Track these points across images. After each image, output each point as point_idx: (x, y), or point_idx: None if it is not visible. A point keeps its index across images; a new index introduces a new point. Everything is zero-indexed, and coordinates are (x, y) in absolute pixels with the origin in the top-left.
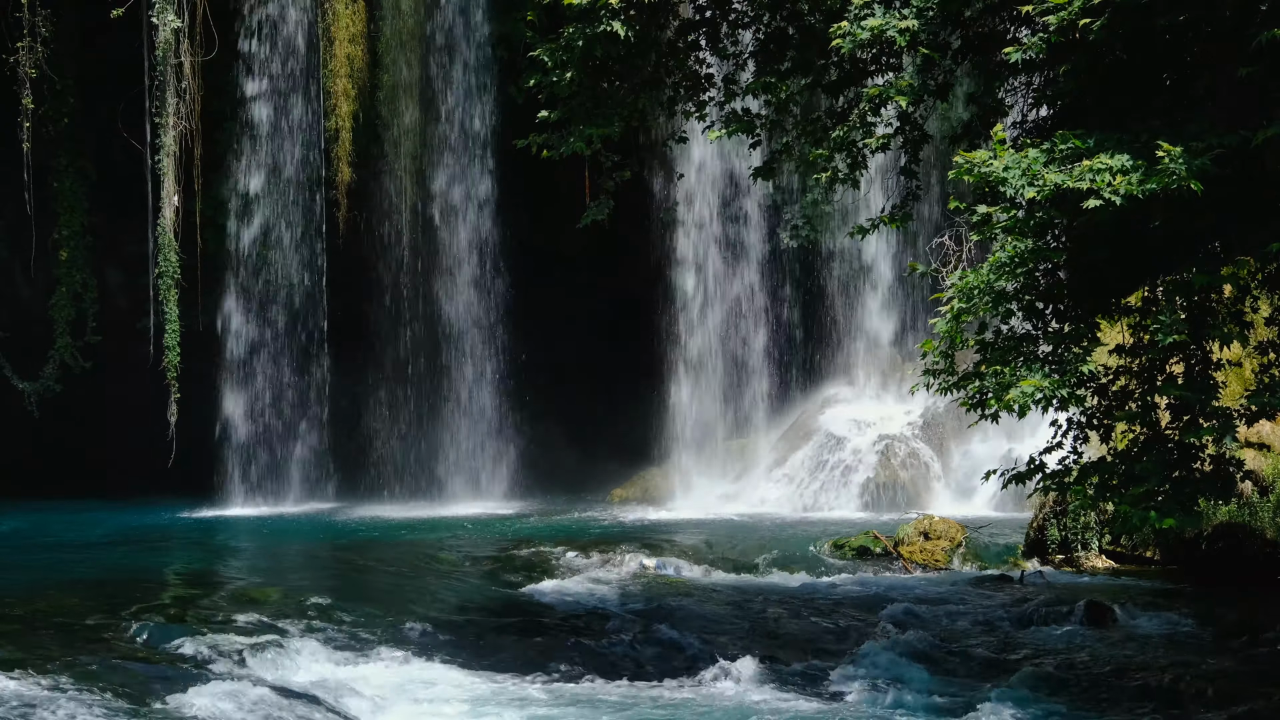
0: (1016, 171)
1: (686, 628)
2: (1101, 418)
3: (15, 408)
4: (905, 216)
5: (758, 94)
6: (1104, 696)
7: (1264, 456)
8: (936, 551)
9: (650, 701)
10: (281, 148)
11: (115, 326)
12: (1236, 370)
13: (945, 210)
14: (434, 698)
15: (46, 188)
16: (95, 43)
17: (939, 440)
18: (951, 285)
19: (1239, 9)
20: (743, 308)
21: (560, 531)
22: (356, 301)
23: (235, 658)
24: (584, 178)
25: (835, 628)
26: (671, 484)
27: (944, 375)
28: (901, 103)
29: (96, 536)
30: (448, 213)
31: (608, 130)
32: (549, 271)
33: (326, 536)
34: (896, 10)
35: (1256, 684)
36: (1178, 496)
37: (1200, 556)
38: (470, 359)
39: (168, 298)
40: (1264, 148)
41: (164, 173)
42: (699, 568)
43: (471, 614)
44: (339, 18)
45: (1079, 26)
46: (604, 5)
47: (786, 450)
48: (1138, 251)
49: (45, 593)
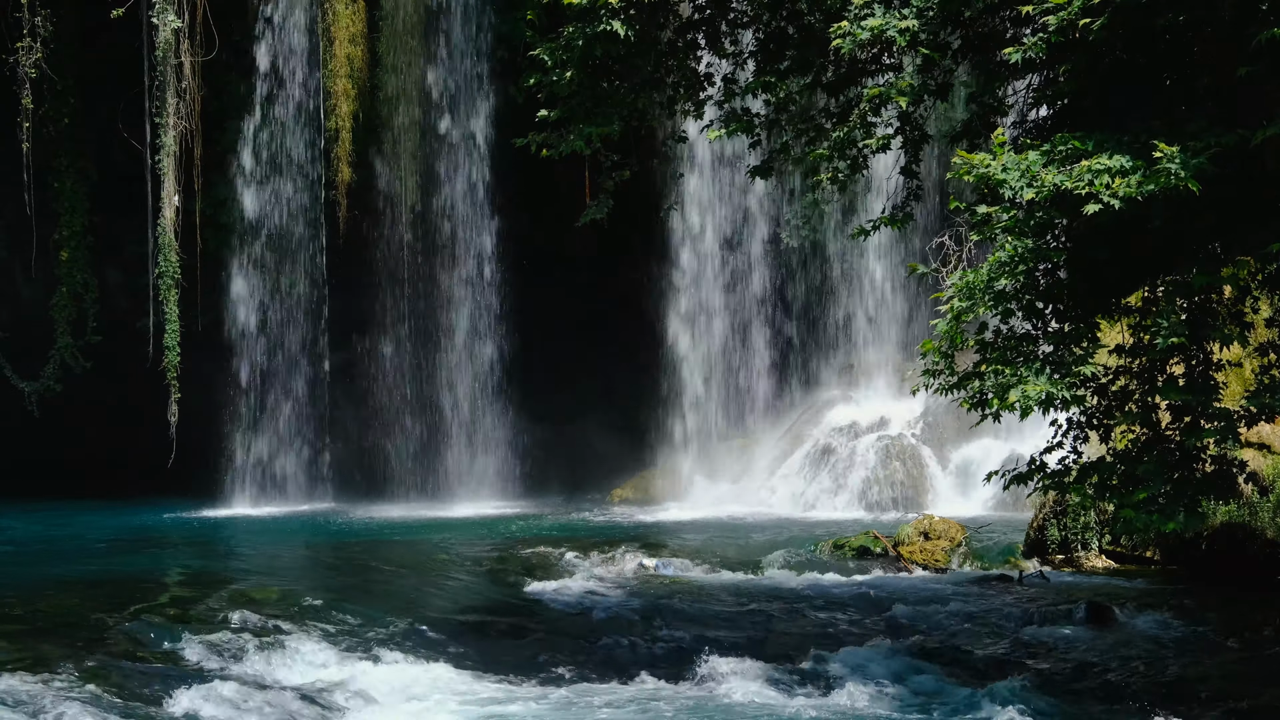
0: (1015, 173)
1: (686, 628)
2: (1101, 418)
3: (15, 408)
4: (906, 217)
5: (757, 94)
6: (1104, 696)
7: (1264, 457)
8: (936, 551)
9: (650, 701)
10: (282, 147)
11: (115, 326)
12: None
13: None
14: (434, 698)
15: (47, 188)
16: (95, 43)
17: (939, 440)
18: (951, 285)
19: (1239, 9)
20: (743, 308)
21: (560, 531)
22: (356, 301)
23: (235, 658)
24: (584, 177)
25: (835, 628)
26: (671, 484)
27: (944, 375)
28: (901, 103)
29: (96, 536)
30: (448, 212)
31: (607, 129)
32: (549, 271)
33: (326, 536)
34: (896, 10)
35: (1256, 684)
36: (1179, 498)
37: (1200, 556)
38: (470, 359)
39: (168, 298)
40: (1263, 147)
41: (164, 173)
42: (699, 568)
43: (471, 614)
44: (339, 18)
45: (1079, 26)
46: (604, 5)
47: (786, 450)
48: (1138, 252)
49: (45, 593)
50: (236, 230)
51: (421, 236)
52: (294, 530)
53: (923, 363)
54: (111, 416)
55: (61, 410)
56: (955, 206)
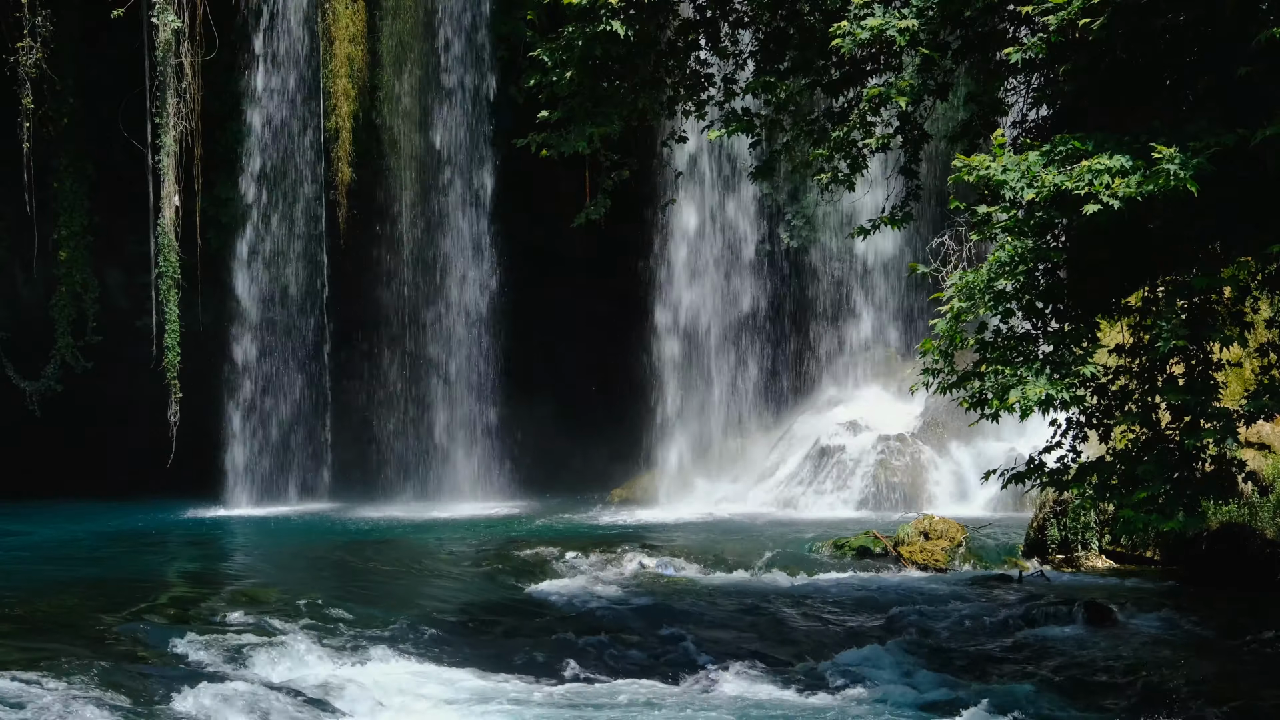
0: (1015, 173)
1: (686, 628)
2: (1101, 418)
3: (16, 407)
4: (906, 216)
5: (757, 94)
6: (1104, 696)
7: (1264, 457)
8: (936, 551)
9: (650, 701)
10: (282, 147)
11: (115, 326)
12: (1237, 371)
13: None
14: (434, 698)
15: (47, 188)
16: (95, 43)
17: (939, 440)
18: (951, 285)
19: (1239, 9)
20: (743, 308)
21: (560, 532)
22: (356, 301)
23: (235, 658)
24: (584, 178)
25: (835, 628)
26: (671, 484)
27: (944, 375)
28: (901, 103)
29: (96, 536)
30: (448, 212)
31: (608, 128)
32: (549, 271)
33: (326, 537)
34: (896, 10)
35: (1256, 684)
36: (1179, 498)
37: (1200, 556)
38: (470, 359)
39: (168, 298)
40: (1263, 147)
41: (164, 173)
42: (699, 568)
43: (471, 614)
44: (339, 18)
45: (1079, 26)
46: (604, 5)
47: (786, 451)
48: (1138, 252)
49: (45, 593)
50: (237, 230)
51: (421, 237)
52: (294, 530)
53: (922, 362)
54: (112, 416)
55: (62, 410)
56: (955, 206)
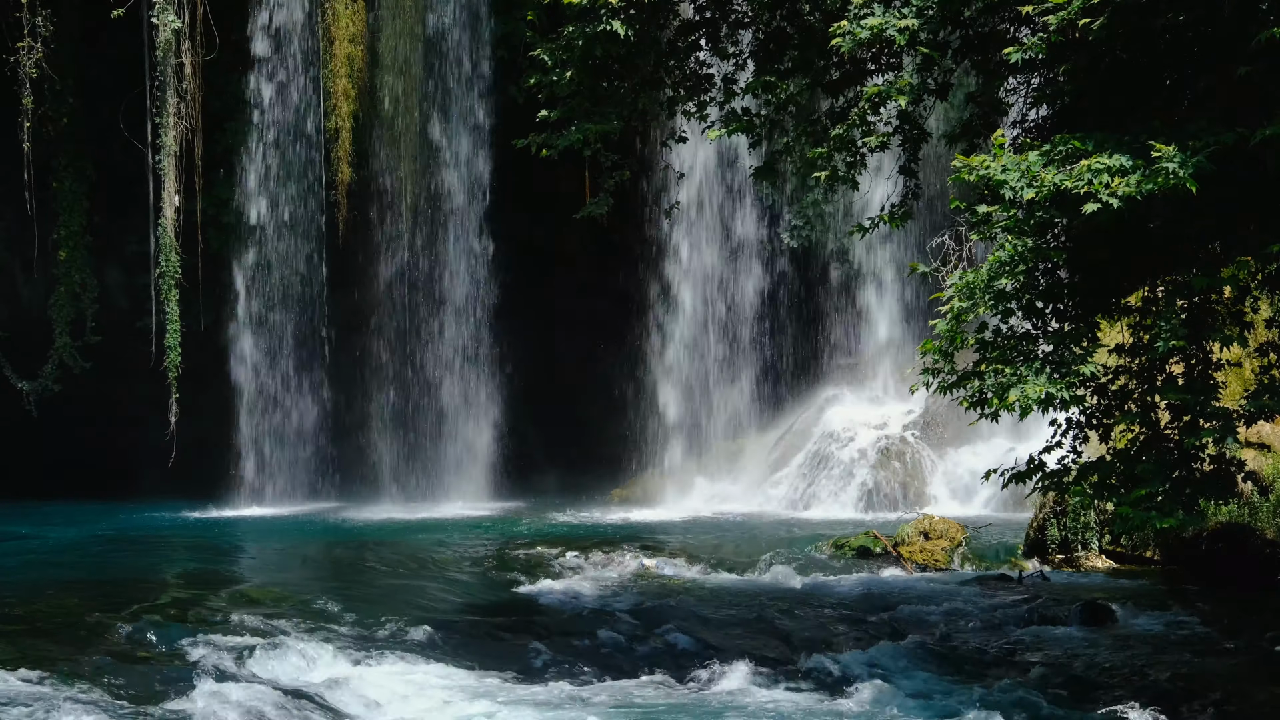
0: (1015, 173)
1: (686, 628)
2: (1101, 417)
3: (15, 408)
4: (905, 215)
5: (758, 94)
6: (1104, 696)
7: (1264, 457)
8: (936, 551)
9: (650, 701)
10: (282, 148)
11: (115, 326)
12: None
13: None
14: (434, 698)
15: (46, 188)
16: (95, 43)
17: (939, 440)
18: (951, 285)
19: (1239, 9)
20: (742, 308)
21: (560, 532)
22: (356, 301)
23: (235, 658)
24: (584, 178)
25: (835, 627)
26: (671, 484)
27: (944, 375)
28: (901, 102)
29: (96, 536)
30: (447, 213)
31: (607, 128)
32: (549, 271)
33: (327, 537)
34: (896, 10)
35: (1256, 684)
36: (1178, 497)
37: (1200, 556)
38: (470, 359)
39: (168, 298)
40: (1263, 147)
41: (164, 173)
42: (699, 568)
43: (472, 614)
44: (339, 18)
45: (1079, 26)
46: (604, 5)
47: (786, 450)
48: (1138, 252)
49: (45, 593)
50: (237, 230)
51: (421, 237)
52: (294, 530)
53: (922, 362)
54: (111, 416)
55: (61, 410)
56: (955, 206)
